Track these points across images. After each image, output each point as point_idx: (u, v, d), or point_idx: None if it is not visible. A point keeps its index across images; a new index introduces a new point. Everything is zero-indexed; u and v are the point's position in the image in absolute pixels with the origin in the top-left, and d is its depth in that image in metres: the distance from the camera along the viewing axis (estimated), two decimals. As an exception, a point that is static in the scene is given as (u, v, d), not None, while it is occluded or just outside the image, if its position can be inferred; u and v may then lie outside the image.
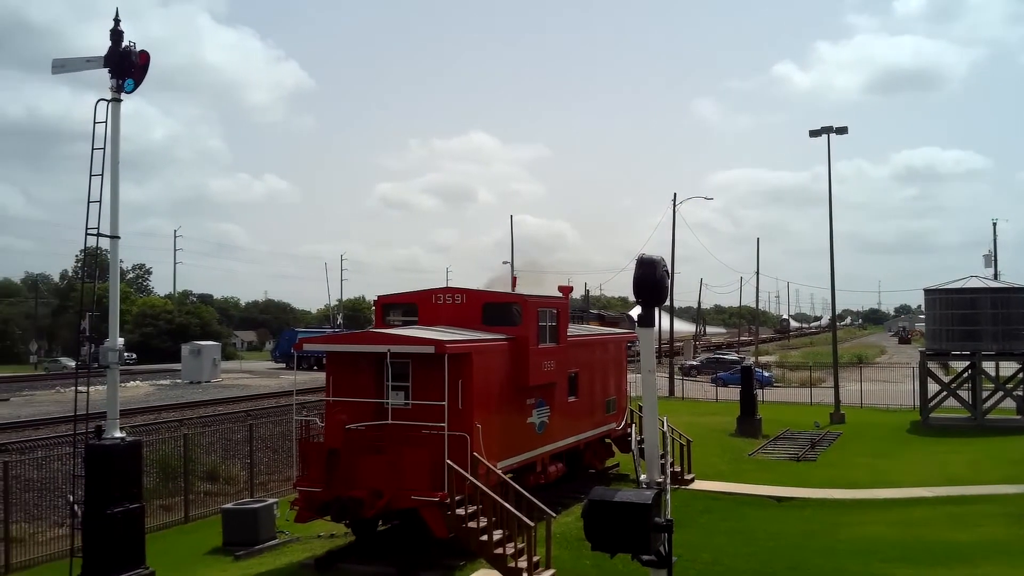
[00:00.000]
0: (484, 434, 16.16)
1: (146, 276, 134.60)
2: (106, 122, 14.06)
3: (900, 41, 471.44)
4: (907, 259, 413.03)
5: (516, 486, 16.15)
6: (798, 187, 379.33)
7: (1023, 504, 20.62)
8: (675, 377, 54.08)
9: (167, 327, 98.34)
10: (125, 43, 14.08)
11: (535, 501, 15.76)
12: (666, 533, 8.15)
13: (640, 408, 16.37)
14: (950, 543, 17.79)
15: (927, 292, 38.24)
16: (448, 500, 15.00)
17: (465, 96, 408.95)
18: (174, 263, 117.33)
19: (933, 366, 39.66)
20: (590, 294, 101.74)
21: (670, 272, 9.35)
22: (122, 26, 14.13)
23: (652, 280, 8.99)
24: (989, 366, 37.09)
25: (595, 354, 22.82)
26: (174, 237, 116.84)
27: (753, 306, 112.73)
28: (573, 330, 21.68)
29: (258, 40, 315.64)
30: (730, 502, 21.90)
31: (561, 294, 20.59)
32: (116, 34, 14.05)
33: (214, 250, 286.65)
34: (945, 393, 37.30)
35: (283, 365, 73.18)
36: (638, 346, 8.62)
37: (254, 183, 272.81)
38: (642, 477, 8.86)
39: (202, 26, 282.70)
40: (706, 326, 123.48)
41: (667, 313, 60.01)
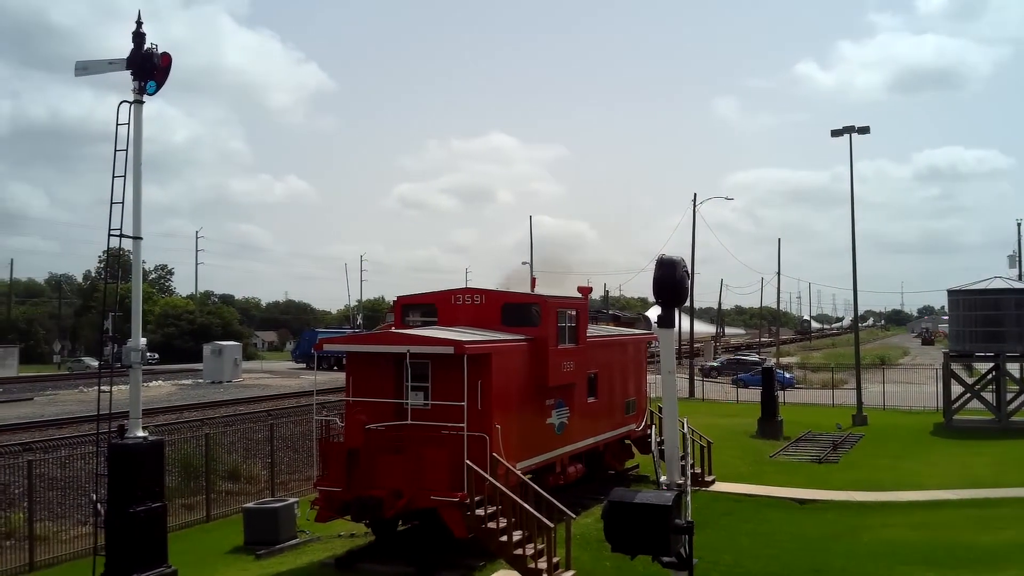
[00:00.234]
0: (503, 435, 16.16)
1: (168, 277, 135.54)
2: (128, 124, 14.15)
3: (922, 40, 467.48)
4: (930, 259, 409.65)
5: (535, 487, 16.14)
6: (819, 187, 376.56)
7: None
8: (695, 378, 53.87)
9: (189, 327, 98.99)
10: (147, 45, 14.17)
11: (554, 502, 15.73)
12: (687, 535, 8.12)
13: (660, 409, 16.33)
14: (973, 546, 17.62)
15: (950, 293, 37.89)
16: (468, 500, 15.01)
17: (484, 97, 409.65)
18: (196, 264, 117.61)
19: (956, 367, 39.27)
20: (609, 295, 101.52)
21: (690, 273, 9.30)
22: (144, 28, 14.23)
23: (672, 281, 8.97)
24: (1013, 368, 36.72)
25: (614, 355, 22.76)
26: (196, 238, 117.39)
27: (774, 307, 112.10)
28: (592, 331, 21.63)
29: (279, 42, 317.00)
30: (751, 504, 21.78)
31: (580, 295, 20.55)
32: (138, 36, 14.15)
33: (235, 251, 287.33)
34: (969, 395, 36.96)
35: (303, 365, 73.46)
36: (657, 347, 8.59)
37: (275, 184, 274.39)
38: (662, 478, 8.83)
39: (223, 28, 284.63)
40: (724, 327, 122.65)
41: (687, 315, 59.79)
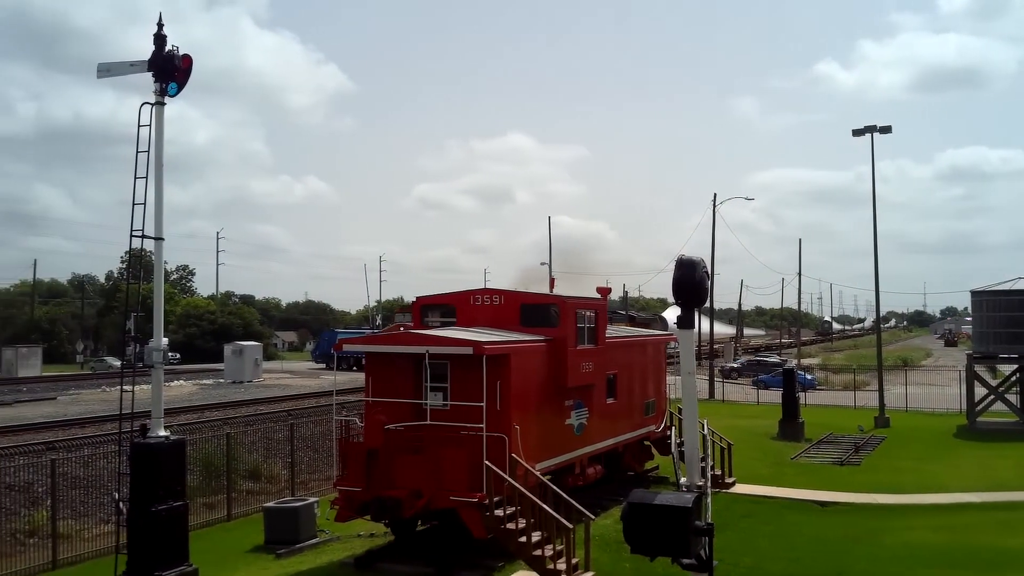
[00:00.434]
0: (522, 435, 16.14)
1: (189, 277, 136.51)
2: (150, 125, 14.20)
3: (945, 39, 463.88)
4: (953, 260, 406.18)
5: (554, 487, 16.11)
6: (841, 187, 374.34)
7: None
8: (715, 379, 53.65)
9: (210, 327, 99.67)
10: (168, 47, 14.22)
11: (573, 503, 15.70)
12: (707, 537, 8.09)
13: (680, 410, 16.27)
14: (997, 549, 17.44)
15: (974, 294, 37.55)
16: (487, 501, 15.01)
17: (503, 97, 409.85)
18: (217, 264, 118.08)
19: (980, 369, 38.87)
20: (629, 295, 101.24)
21: (710, 273, 9.27)
22: (165, 30, 14.28)
23: (692, 281, 8.93)
24: (1038, 369, 36.27)
25: (634, 356, 22.69)
26: (217, 239, 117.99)
27: (795, 308, 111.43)
28: (611, 331, 21.58)
29: (299, 43, 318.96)
30: (772, 506, 21.65)
31: (599, 295, 20.50)
32: (160, 38, 14.20)
33: (256, 251, 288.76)
34: (992, 397, 36.61)
35: (323, 365, 73.79)
36: (677, 348, 8.56)
37: (295, 185, 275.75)
38: (682, 480, 8.79)
39: (244, 30, 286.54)
40: (743, 328, 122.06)
41: (706, 316, 59.53)
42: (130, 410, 13.92)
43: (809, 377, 54.92)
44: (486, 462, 15.06)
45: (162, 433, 14.11)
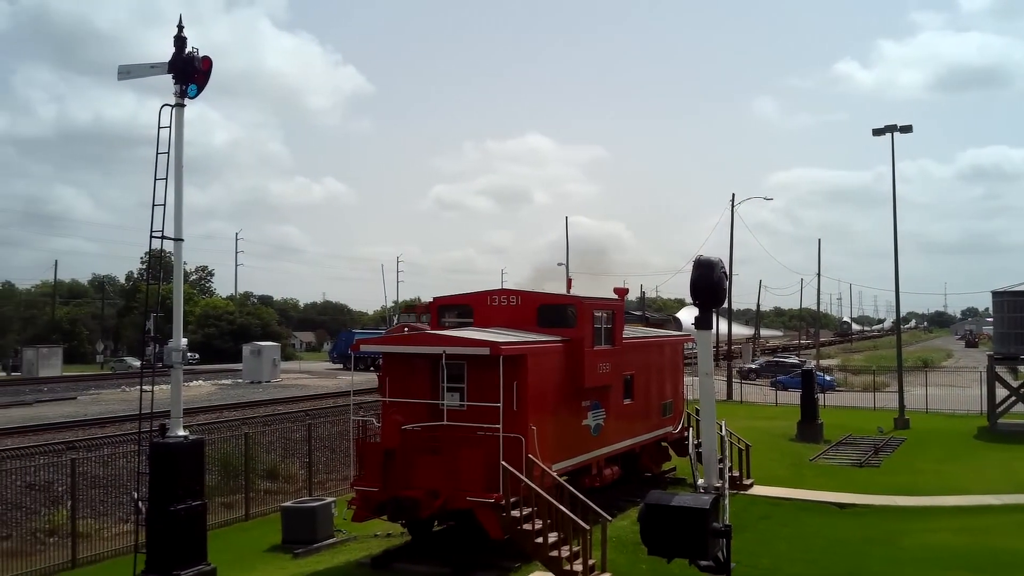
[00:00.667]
0: (539, 436, 16.13)
1: (208, 278, 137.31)
2: (170, 127, 14.28)
3: (966, 38, 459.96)
4: (974, 260, 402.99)
5: (571, 488, 16.10)
6: (861, 187, 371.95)
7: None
8: (733, 380, 53.43)
9: (229, 328, 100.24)
10: (188, 49, 14.27)
11: (590, 504, 15.68)
12: (724, 538, 8.06)
13: (697, 411, 16.23)
14: (1018, 551, 17.28)
15: (995, 294, 37.23)
16: (503, 502, 15.01)
17: (521, 98, 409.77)
18: (235, 265, 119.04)
19: (1001, 370, 38.54)
20: (646, 296, 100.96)
21: (728, 274, 9.22)
22: (185, 32, 14.36)
23: (710, 282, 8.90)
24: (1061, 371, 35.98)
25: (651, 356, 22.63)
26: (235, 240, 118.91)
27: (814, 308, 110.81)
28: (628, 332, 21.54)
29: (317, 45, 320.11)
30: (790, 508, 21.54)
31: (616, 296, 20.46)
32: (180, 40, 14.28)
33: (274, 252, 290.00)
34: (1014, 398, 36.26)
35: (340, 366, 74.05)
36: (694, 348, 8.54)
37: (313, 186, 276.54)
38: (700, 481, 8.76)
39: (263, 32, 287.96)
40: (760, 329, 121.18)
41: (724, 317, 59.31)
42: (149, 410, 14.00)
43: (828, 378, 54.57)
44: (503, 463, 15.06)
45: (181, 433, 14.18)
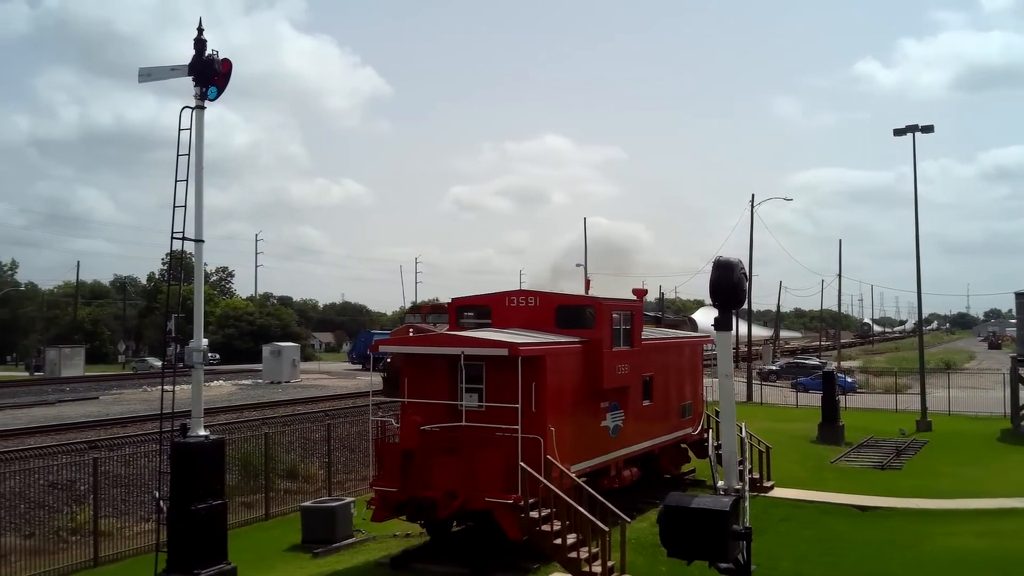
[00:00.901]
0: (557, 437, 16.10)
1: (229, 279, 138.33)
2: (190, 129, 14.35)
3: (989, 37, 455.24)
4: (997, 261, 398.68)
5: (590, 490, 16.06)
6: (882, 187, 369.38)
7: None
8: (753, 382, 53.14)
9: (248, 328, 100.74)
10: (208, 52, 14.36)
11: (609, 505, 15.64)
12: (744, 541, 8.01)
13: (717, 413, 16.13)
14: (1044, 557, 17.07)
15: (1018, 296, 36.92)
16: (522, 503, 14.99)
17: (539, 99, 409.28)
18: (255, 266, 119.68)
19: (1025, 372, 38.10)
20: (665, 297, 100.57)
21: (748, 275, 9.17)
22: (205, 35, 14.43)
23: (729, 283, 8.85)
24: (1086, 373, 35.48)
25: (670, 358, 22.55)
26: (255, 241, 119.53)
27: (835, 309, 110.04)
28: (648, 333, 21.48)
29: (336, 47, 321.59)
30: (811, 510, 21.40)
31: (635, 297, 20.40)
32: (200, 43, 14.36)
33: (293, 253, 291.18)
34: (1038, 401, 35.85)
35: (359, 366, 74.21)
36: (714, 349, 8.49)
37: (332, 187, 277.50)
38: (719, 483, 8.72)
39: (282, 34, 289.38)
40: (781, 330, 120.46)
41: (743, 318, 59.00)
42: (170, 410, 14.08)
43: (849, 380, 54.18)
44: (521, 463, 15.05)
45: (202, 433, 14.26)
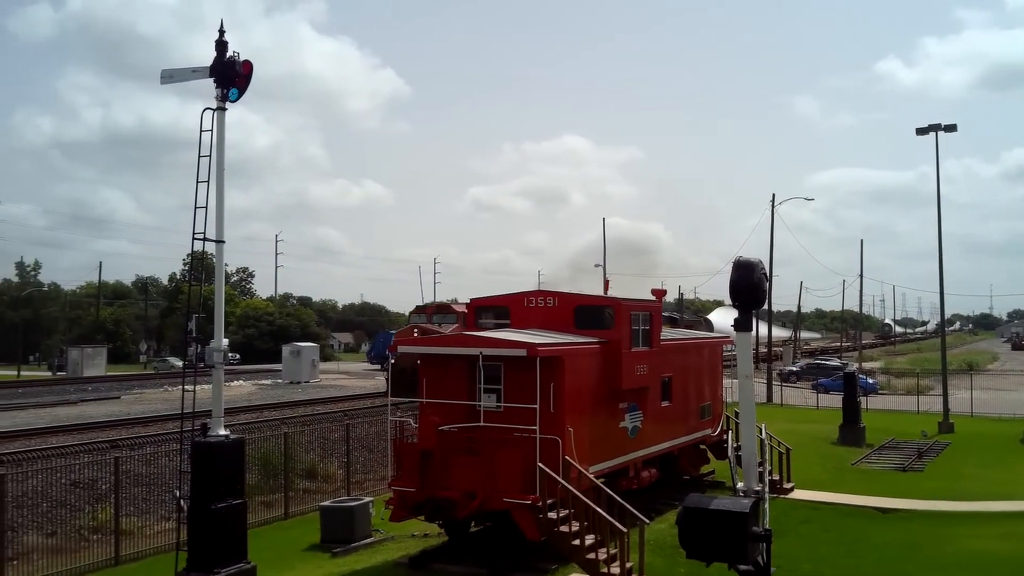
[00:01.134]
0: (576, 438, 16.07)
1: (249, 279, 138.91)
2: (212, 130, 14.40)
3: (1012, 35, 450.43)
4: (1021, 261, 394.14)
5: (608, 490, 16.01)
6: (904, 187, 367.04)
7: None
8: (773, 383, 52.87)
9: (268, 329, 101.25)
10: (229, 53, 14.40)
11: (627, 506, 15.58)
12: (764, 542, 7.96)
13: (737, 414, 16.08)
14: (1069, 560, 16.89)
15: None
16: (540, 503, 14.98)
17: (558, 99, 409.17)
18: (275, 267, 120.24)
19: (1049, 374, 37.79)
20: (684, 297, 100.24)
21: (768, 275, 9.11)
22: (226, 37, 14.47)
23: (749, 283, 8.80)
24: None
25: (689, 359, 22.46)
26: (275, 241, 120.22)
27: (856, 310, 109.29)
28: (667, 334, 21.40)
29: (356, 48, 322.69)
30: (831, 512, 21.26)
31: (654, 297, 20.34)
32: (221, 45, 14.41)
33: (313, 254, 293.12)
34: (1063, 402, 35.53)
35: (378, 366, 74.32)
36: (734, 350, 8.45)
37: (352, 188, 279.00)
38: (739, 485, 8.67)
39: (303, 36, 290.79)
40: (800, 331, 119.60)
41: (763, 319, 58.69)
42: (191, 409, 14.16)
43: (871, 381, 53.82)
44: (539, 464, 15.03)
45: (222, 432, 14.31)
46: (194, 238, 14.38)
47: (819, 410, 44.00)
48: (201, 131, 14.36)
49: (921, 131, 39.25)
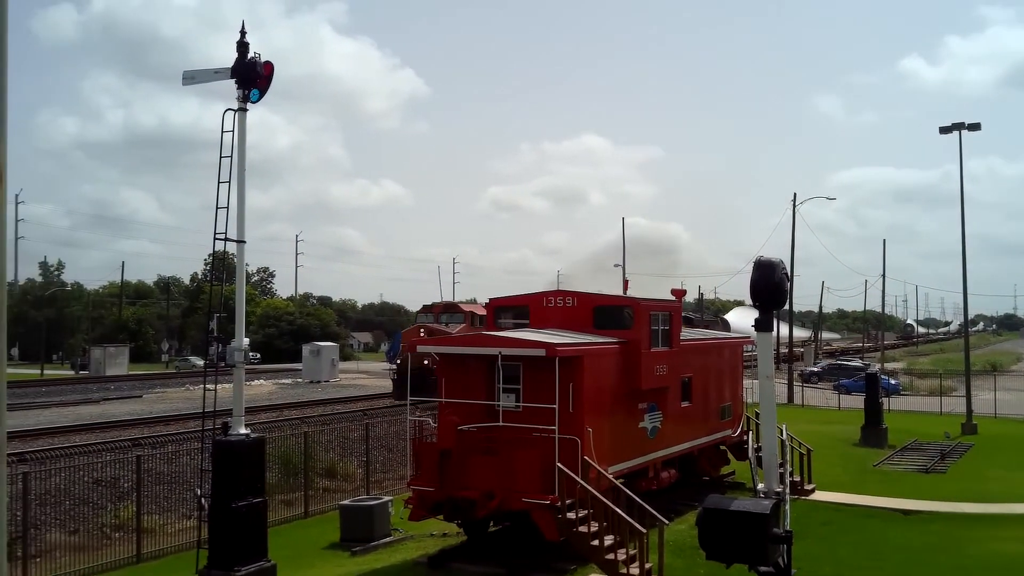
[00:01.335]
0: (595, 438, 16.05)
1: (270, 279, 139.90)
2: (233, 131, 14.47)
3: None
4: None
5: (627, 491, 15.98)
6: (927, 186, 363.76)
7: None
8: (794, 384, 52.56)
9: (289, 328, 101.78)
10: (250, 54, 14.48)
11: (647, 507, 15.54)
12: (785, 544, 7.91)
13: (757, 415, 15.98)
14: (1095, 564, 16.68)
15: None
16: (559, 503, 14.96)
17: (577, 99, 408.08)
18: (296, 266, 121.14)
19: (1075, 375, 37.33)
20: (704, 297, 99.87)
21: (789, 275, 9.05)
22: (247, 38, 14.55)
23: (770, 283, 8.76)
24: None
25: (709, 359, 22.38)
26: (296, 241, 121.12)
27: (878, 310, 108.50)
28: (687, 334, 21.33)
29: (375, 49, 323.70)
30: (853, 514, 21.10)
31: (674, 297, 20.27)
32: (242, 46, 14.49)
33: (333, 254, 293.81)
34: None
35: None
36: (754, 351, 8.41)
37: (372, 188, 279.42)
38: (760, 486, 8.62)
39: (323, 37, 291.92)
40: (821, 331, 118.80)
41: (784, 320, 58.36)
42: (212, 408, 14.25)
43: (893, 382, 53.36)
44: (558, 464, 15.02)
45: (243, 431, 14.39)
46: (215, 238, 14.48)
47: (840, 411, 43.71)
48: (222, 132, 14.44)
49: (944, 130, 38.88)
